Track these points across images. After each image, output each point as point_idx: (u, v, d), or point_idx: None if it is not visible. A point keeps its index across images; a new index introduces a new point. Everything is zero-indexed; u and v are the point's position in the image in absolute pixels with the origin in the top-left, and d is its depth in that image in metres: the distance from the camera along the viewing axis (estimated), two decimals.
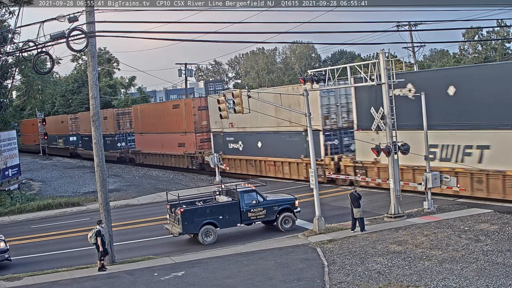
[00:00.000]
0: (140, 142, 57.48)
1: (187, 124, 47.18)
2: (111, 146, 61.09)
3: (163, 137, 51.07)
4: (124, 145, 60.99)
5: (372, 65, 23.18)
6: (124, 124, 60.93)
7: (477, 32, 70.54)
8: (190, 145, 46.77)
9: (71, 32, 18.08)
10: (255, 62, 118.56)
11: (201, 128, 46.22)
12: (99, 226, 19.21)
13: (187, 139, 47.19)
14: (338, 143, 33.96)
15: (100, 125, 20.58)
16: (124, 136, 61.14)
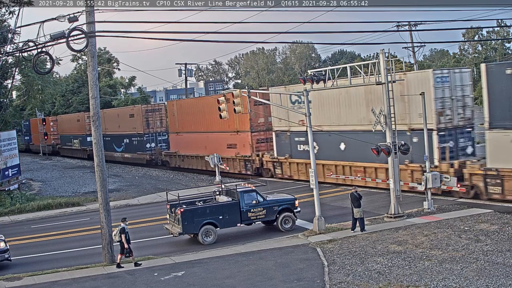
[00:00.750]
0: (176, 143, 50.63)
1: (241, 121, 40.31)
2: (139, 147, 55.31)
3: (208, 137, 44.86)
4: (153, 146, 54.35)
5: (372, 65, 23.18)
6: (154, 123, 54.48)
7: (477, 32, 70.59)
8: (243, 146, 40.47)
9: (71, 32, 18.08)
10: (255, 62, 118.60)
11: (258, 127, 40.14)
12: (123, 223, 19.39)
13: (239, 139, 40.78)
14: (454, 145, 27.61)
15: (100, 125, 20.57)
16: (153, 136, 54.54)
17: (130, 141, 56.92)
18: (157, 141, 54.50)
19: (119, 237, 19.17)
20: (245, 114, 36.39)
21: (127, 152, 58.21)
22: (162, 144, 54.01)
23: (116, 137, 60.06)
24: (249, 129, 40.12)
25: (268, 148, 39.70)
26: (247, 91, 25.21)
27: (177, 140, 50.45)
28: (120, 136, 59.28)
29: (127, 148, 58.28)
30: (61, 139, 78.64)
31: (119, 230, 19.18)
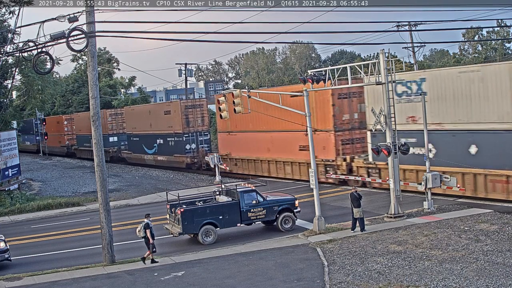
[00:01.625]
0: (227, 144, 43.23)
1: (320, 118, 33.01)
2: (177, 148, 47.84)
3: (272, 138, 38.15)
4: (194, 148, 47.13)
5: (372, 65, 23.18)
6: (195, 120, 47.26)
7: (477, 32, 70.54)
8: (324, 148, 33.40)
9: (71, 32, 18.09)
10: (255, 62, 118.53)
11: (342, 125, 32.94)
12: (147, 219, 19.53)
13: (318, 140, 31.77)
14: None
15: (100, 125, 20.59)
16: (194, 135, 47.38)
17: (165, 141, 49.89)
18: (198, 142, 47.44)
19: (143, 232, 19.40)
20: (327, 109, 32.08)
21: (161, 154, 50.97)
22: (206, 145, 47.36)
23: (147, 137, 53.28)
24: (332, 128, 32.62)
25: (354, 151, 33.13)
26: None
27: (229, 141, 42.93)
28: (151, 136, 52.28)
29: (161, 150, 50.97)
30: (78, 140, 71.66)
31: (143, 225, 19.41)
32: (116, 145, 61.52)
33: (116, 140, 61.49)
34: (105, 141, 60.67)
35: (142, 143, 54.57)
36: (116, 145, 61.35)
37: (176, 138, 48.14)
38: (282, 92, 28.32)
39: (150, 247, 19.40)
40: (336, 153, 33.07)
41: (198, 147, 47.15)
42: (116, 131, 61.50)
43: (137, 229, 19.80)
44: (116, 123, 61.54)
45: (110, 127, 61.43)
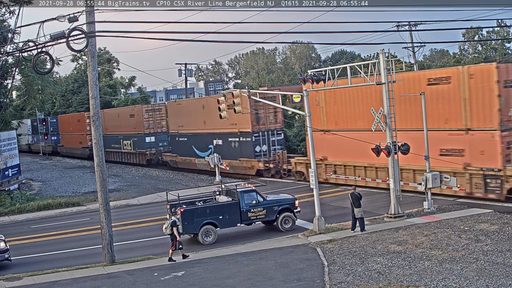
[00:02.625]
0: (322, 146, 33.02)
1: (477, 113, 25.16)
2: (244, 151, 40.11)
3: None
4: (265, 150, 39.22)
5: (372, 65, 23.18)
6: (266, 117, 39.75)
7: (477, 32, 70.57)
8: (481, 153, 25.03)
9: (71, 32, 18.09)
10: (255, 62, 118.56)
11: (509, 122, 24.74)
12: (174, 217, 19.74)
13: (472, 141, 25.30)
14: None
15: (100, 125, 20.56)
16: (265, 135, 39.62)
17: (226, 142, 42.11)
18: (269, 142, 39.45)
19: (170, 230, 19.48)
20: (489, 101, 24.24)
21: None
22: (276, 146, 39.89)
23: (199, 137, 45.39)
24: (497, 126, 24.46)
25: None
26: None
27: (324, 142, 33.14)
28: (206, 136, 44.38)
29: (218, 152, 41.26)
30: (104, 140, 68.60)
31: (170, 223, 19.49)
32: (154, 146, 53.71)
33: (154, 141, 53.92)
34: (140, 142, 55.39)
35: (192, 144, 46.42)
36: (153, 146, 53.75)
37: (242, 138, 39.99)
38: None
39: (175, 244, 19.57)
40: (503, 160, 24.40)
41: (270, 148, 39.59)
42: (153, 130, 54.08)
43: (164, 226, 19.96)
44: (154, 121, 53.87)
45: (147, 125, 53.75)
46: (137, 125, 55.08)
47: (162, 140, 54.18)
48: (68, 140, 70.24)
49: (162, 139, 54.12)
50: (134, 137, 56.06)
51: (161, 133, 54.34)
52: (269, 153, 39.33)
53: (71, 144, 69.46)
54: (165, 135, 53.73)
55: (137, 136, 55.29)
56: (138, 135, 55.10)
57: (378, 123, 23.57)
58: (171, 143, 51.18)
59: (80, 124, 66.49)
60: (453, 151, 26.20)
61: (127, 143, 57.84)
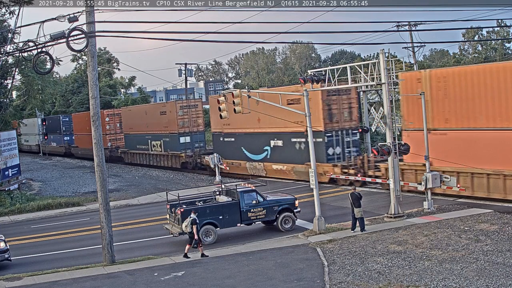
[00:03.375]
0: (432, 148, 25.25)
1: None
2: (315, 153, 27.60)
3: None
4: (339, 152, 33.44)
5: (372, 65, 23.19)
6: (340, 113, 33.81)
7: (477, 32, 70.59)
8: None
9: (71, 32, 18.08)
10: (255, 62, 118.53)
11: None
12: (194, 214, 19.85)
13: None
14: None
15: (100, 125, 20.50)
16: (339, 134, 33.70)
17: (288, 143, 36.18)
18: (344, 144, 33.68)
19: (190, 228, 19.67)
20: None
21: (278, 162, 37.03)
22: (352, 148, 34.01)
23: (251, 138, 39.05)
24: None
25: None
26: None
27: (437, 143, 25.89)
28: (259, 136, 38.07)
29: (277, 155, 36.93)
30: (127, 141, 58.45)
31: (191, 221, 19.66)
32: (189, 147, 47.44)
33: (189, 141, 47.60)
34: (173, 142, 48.39)
35: (242, 145, 40.35)
36: (188, 148, 47.47)
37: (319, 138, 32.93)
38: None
39: (192, 242, 19.76)
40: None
41: (345, 151, 33.57)
42: (188, 129, 47.79)
43: (184, 224, 20.16)
44: (189, 119, 47.57)
45: (181, 123, 47.29)
46: (169, 124, 48.22)
47: (198, 141, 47.94)
48: (84, 141, 62.98)
49: (198, 139, 48.02)
50: (165, 137, 49.58)
51: (197, 132, 48.18)
52: (343, 156, 33.60)
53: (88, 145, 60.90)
54: (202, 135, 48.43)
55: (170, 136, 48.75)
56: (170, 135, 48.57)
57: (378, 122, 23.54)
58: (214, 144, 44.81)
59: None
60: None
61: (157, 144, 51.33)
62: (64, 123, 72.11)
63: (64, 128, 72.49)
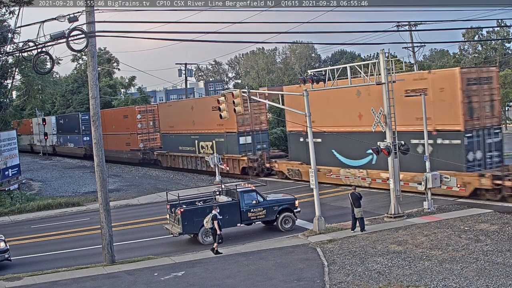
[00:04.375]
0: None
1: None
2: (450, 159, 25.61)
3: None
4: (480, 158, 26.07)
5: (372, 65, 23.18)
6: (481, 108, 26.22)
7: (477, 32, 70.61)
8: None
9: (71, 32, 18.09)
10: (255, 62, 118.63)
11: None
12: (215, 210, 20.05)
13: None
14: None
15: (100, 125, 20.48)
16: (481, 135, 26.22)
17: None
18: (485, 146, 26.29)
19: (211, 224, 19.78)
20: None
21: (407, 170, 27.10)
22: (494, 153, 26.84)
23: (348, 138, 30.58)
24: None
25: None
26: None
27: None
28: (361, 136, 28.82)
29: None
30: (166, 141, 50.60)
31: (211, 217, 19.81)
32: (250, 149, 40.06)
33: (250, 142, 40.25)
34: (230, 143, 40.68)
35: (334, 147, 32.58)
36: (249, 149, 40.14)
37: (443, 140, 26.32)
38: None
39: (216, 238, 19.83)
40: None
41: (486, 156, 26.28)
42: (249, 127, 40.29)
43: (205, 221, 20.29)
44: (250, 116, 39.82)
45: (241, 121, 39.95)
46: (226, 121, 35.84)
47: (260, 141, 40.66)
48: (109, 142, 54.72)
49: (261, 139, 40.69)
50: (218, 137, 42.20)
51: (259, 131, 40.61)
52: (484, 163, 26.28)
53: (113, 146, 56.21)
54: (265, 134, 41.35)
55: (226, 136, 41.38)
56: (227, 135, 41.22)
57: (378, 123, 23.55)
58: (290, 145, 37.57)
59: (128, 121, 53.69)
60: None
61: (207, 145, 43.80)
62: (84, 121, 64.24)
63: (83, 127, 64.74)
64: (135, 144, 53.96)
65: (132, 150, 54.37)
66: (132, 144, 54.36)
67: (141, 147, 53.40)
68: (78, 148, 67.00)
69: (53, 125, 74.32)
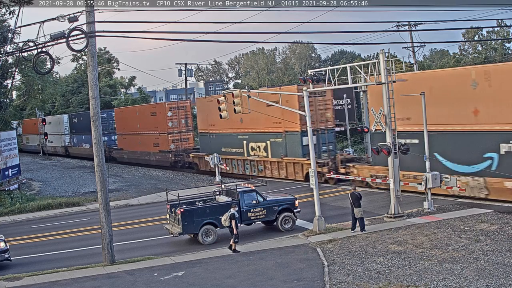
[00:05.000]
0: None
1: None
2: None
3: None
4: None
5: (372, 65, 23.17)
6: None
7: (477, 32, 70.55)
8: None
9: (71, 32, 18.09)
10: (255, 62, 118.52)
11: None
12: (233, 209, 20.21)
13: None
14: None
15: (100, 125, 20.46)
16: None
17: None
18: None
19: (229, 222, 19.93)
20: None
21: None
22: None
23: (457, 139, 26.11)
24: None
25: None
26: None
27: None
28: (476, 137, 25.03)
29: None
30: (204, 142, 44.63)
31: (229, 215, 19.93)
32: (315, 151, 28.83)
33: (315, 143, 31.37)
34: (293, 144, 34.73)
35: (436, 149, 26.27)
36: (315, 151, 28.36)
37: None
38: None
39: (233, 237, 19.94)
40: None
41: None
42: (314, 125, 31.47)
43: (223, 219, 20.41)
44: (315, 112, 34.17)
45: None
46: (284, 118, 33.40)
47: (326, 142, 35.25)
48: (133, 142, 51.03)
49: (327, 139, 35.28)
50: (274, 137, 36.73)
51: (324, 130, 35.22)
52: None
53: (138, 147, 51.07)
54: (331, 134, 35.74)
55: (283, 136, 36.16)
56: (286, 134, 36.02)
57: (378, 123, 23.55)
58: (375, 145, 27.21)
59: (157, 119, 47.92)
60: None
61: (259, 147, 38.27)
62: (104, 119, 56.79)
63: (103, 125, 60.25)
64: (165, 145, 47.82)
65: (162, 151, 48.17)
66: (161, 145, 48.21)
67: (172, 148, 47.19)
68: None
69: (65, 124, 69.60)
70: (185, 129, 48.34)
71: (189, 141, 48.41)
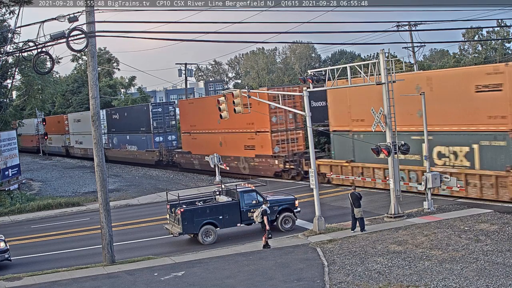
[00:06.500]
0: None
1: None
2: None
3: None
4: None
5: (372, 65, 23.17)
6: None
7: (477, 32, 70.54)
8: None
9: (71, 32, 18.09)
10: (255, 62, 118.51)
11: None
12: (265, 205, 20.52)
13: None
14: None
15: (100, 125, 20.47)
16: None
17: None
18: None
19: (261, 218, 20.27)
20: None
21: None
22: None
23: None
24: None
25: None
26: None
27: None
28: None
29: None
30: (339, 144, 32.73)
31: (261, 212, 20.23)
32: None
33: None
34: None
35: None
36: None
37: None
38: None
39: (266, 233, 20.12)
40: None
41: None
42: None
43: (255, 215, 20.71)
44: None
45: None
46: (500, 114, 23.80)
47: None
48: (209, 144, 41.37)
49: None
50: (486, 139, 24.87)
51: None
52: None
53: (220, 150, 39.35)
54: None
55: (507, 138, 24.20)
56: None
57: (378, 123, 23.54)
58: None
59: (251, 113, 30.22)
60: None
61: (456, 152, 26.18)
62: (156, 115, 48.39)
63: (155, 123, 48.60)
64: (265, 147, 36.57)
65: (259, 156, 37.05)
66: (258, 148, 37.20)
67: (276, 151, 36.33)
68: (147, 153, 49.28)
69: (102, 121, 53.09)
70: (293, 126, 37.28)
71: (299, 142, 37.24)
